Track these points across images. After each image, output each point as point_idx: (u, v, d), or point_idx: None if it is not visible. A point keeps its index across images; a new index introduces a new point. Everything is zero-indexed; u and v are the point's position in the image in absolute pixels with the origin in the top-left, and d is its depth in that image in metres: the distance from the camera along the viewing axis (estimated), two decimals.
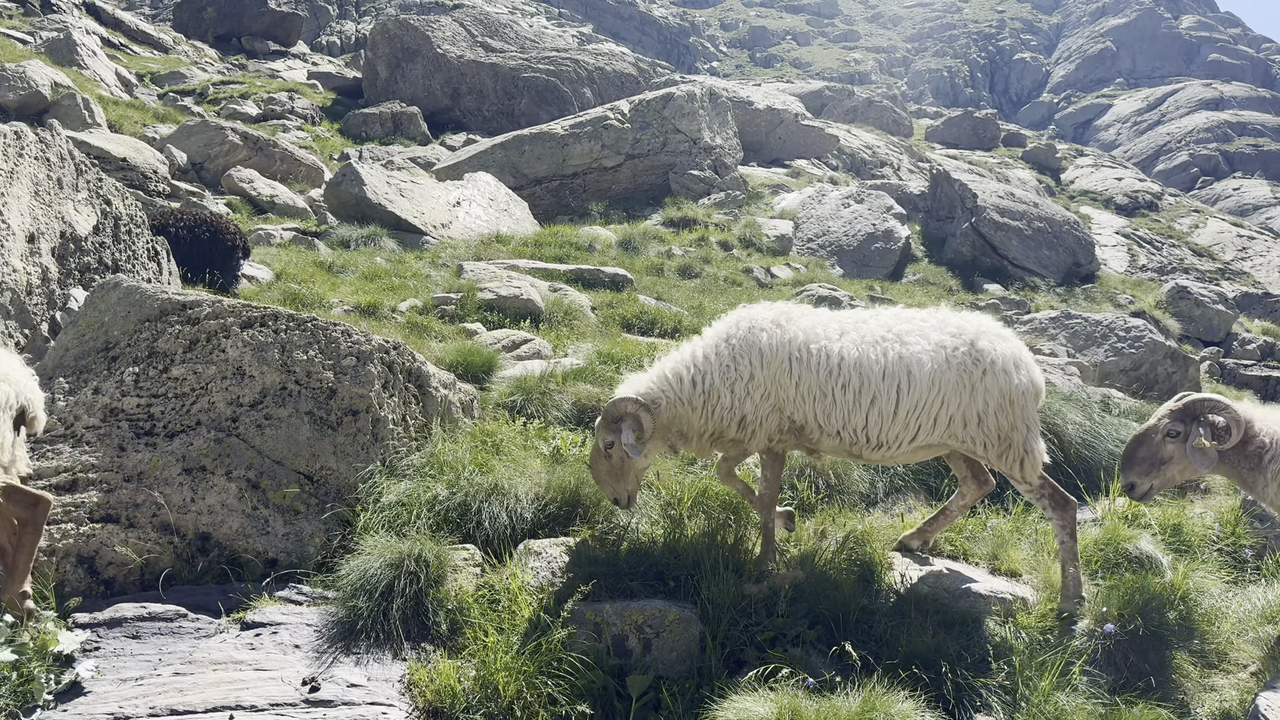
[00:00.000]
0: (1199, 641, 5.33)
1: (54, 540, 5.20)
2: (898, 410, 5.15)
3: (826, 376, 5.19)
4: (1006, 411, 5.18)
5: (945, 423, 5.19)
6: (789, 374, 5.23)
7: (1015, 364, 5.26)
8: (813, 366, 5.21)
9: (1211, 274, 27.49)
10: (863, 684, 4.38)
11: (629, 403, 5.29)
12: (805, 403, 5.24)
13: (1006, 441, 5.22)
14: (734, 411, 5.31)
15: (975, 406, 5.16)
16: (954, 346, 5.23)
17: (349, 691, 4.49)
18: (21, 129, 7.58)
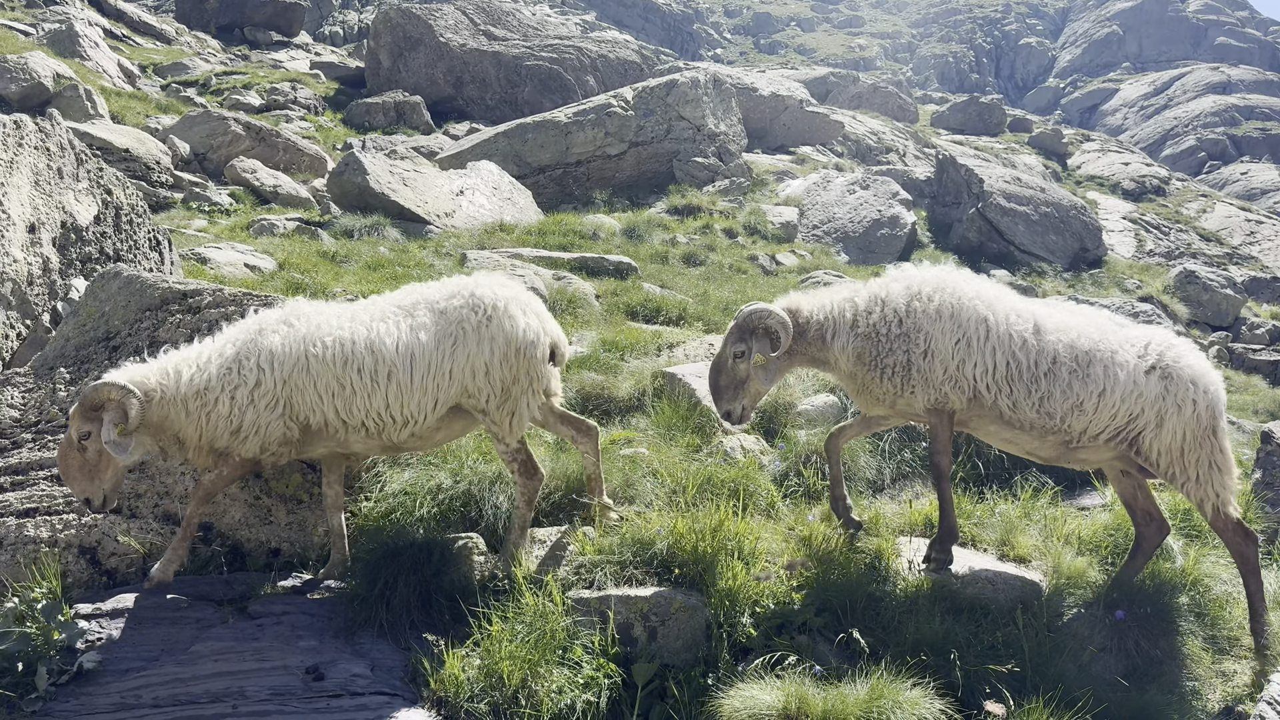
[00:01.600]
0: (1211, 627, 5.29)
1: (56, 531, 5.18)
2: (414, 379, 4.91)
3: (343, 365, 4.89)
4: (511, 362, 4.99)
5: (460, 377, 4.97)
6: (306, 373, 4.89)
7: (522, 309, 5.09)
8: (328, 359, 4.88)
9: (1219, 258, 27.33)
10: (870, 672, 4.34)
11: (114, 388, 4.71)
12: (324, 401, 4.91)
13: (507, 394, 5.04)
14: (231, 420, 4.88)
15: (483, 356, 4.94)
16: (450, 299, 5.05)
17: (353, 681, 4.46)
18: (21, 119, 7.55)
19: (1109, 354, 5.10)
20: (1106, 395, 5.04)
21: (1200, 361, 5.24)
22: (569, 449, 6.40)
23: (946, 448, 5.38)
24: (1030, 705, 4.32)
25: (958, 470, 6.82)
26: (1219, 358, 18.41)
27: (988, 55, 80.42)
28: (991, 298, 5.27)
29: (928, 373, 5.16)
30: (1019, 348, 5.10)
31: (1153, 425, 5.06)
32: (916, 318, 5.19)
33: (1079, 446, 5.22)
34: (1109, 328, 5.32)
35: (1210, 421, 5.07)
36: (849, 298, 5.43)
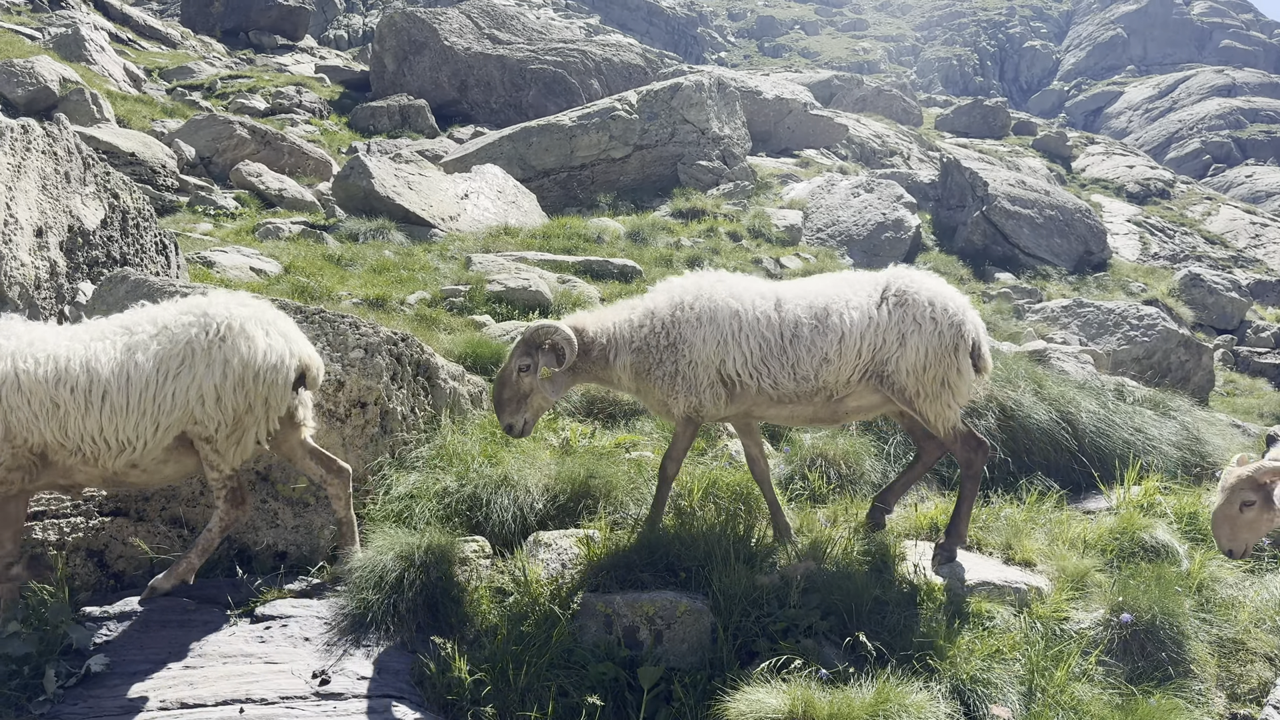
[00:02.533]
0: (1216, 631, 5.28)
1: (64, 534, 5.20)
2: (129, 401, 4.57)
3: (56, 384, 4.52)
4: (246, 388, 4.66)
5: (184, 402, 4.61)
6: (18, 391, 4.48)
7: (264, 329, 4.77)
8: (40, 377, 4.52)
9: (1224, 261, 27.28)
10: (876, 675, 4.35)
11: None
12: (39, 421, 4.52)
13: (238, 423, 4.72)
14: None
15: (212, 380, 4.60)
16: (180, 317, 4.75)
17: (359, 684, 4.48)
18: (28, 123, 7.57)
19: (844, 302, 5.38)
20: (846, 338, 5.28)
21: (939, 286, 5.51)
22: (574, 452, 6.41)
23: (681, 455, 5.64)
24: (1036, 709, 4.33)
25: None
26: (1224, 361, 18.38)
27: (992, 58, 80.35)
28: (741, 290, 5.49)
29: (692, 380, 5.35)
30: (765, 327, 5.32)
31: (896, 348, 5.29)
32: (680, 328, 5.37)
33: (844, 397, 5.44)
34: (850, 280, 5.61)
35: (953, 339, 5.31)
36: (626, 316, 5.56)
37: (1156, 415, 7.92)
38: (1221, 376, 16.74)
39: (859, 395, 5.45)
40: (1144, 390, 9.40)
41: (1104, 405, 7.59)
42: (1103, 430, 7.33)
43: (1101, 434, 7.31)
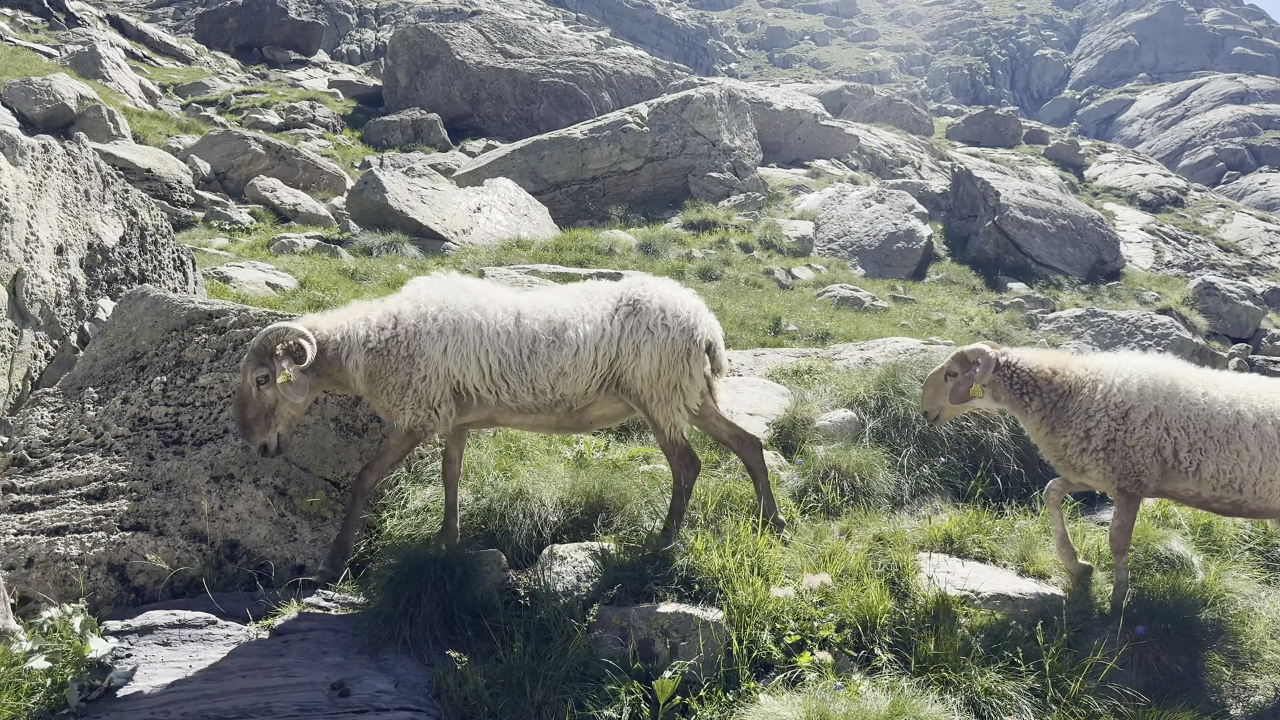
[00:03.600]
0: (1231, 642, 5.27)
1: (85, 548, 5.26)
2: None
3: None
4: None
5: None
6: None
7: None
8: None
9: (1239, 270, 27.18)
10: (891, 687, 4.36)
11: None
12: None
13: None
14: None
15: None
16: None
17: (377, 696, 4.51)
18: (49, 142, 7.68)
19: (580, 316, 5.36)
20: (580, 352, 5.28)
21: (671, 292, 5.52)
22: (588, 464, 6.45)
23: (388, 467, 5.49)
24: None
25: (976, 486, 6.84)
26: (1239, 370, 18.30)
27: (1003, 67, 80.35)
28: (485, 301, 5.39)
29: (424, 394, 5.22)
30: (505, 343, 5.27)
31: (631, 357, 5.30)
32: (421, 340, 5.23)
33: (585, 407, 5.45)
34: (589, 291, 5.57)
35: (685, 344, 5.34)
36: (364, 316, 5.37)
37: None
38: None
39: (601, 405, 5.49)
40: None
41: None
42: None
43: None
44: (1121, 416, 5.20)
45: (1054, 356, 5.56)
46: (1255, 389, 5.22)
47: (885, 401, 7.49)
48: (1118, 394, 5.23)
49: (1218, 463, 5.07)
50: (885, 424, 7.34)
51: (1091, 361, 5.50)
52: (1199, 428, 5.11)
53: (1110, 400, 5.24)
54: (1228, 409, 5.11)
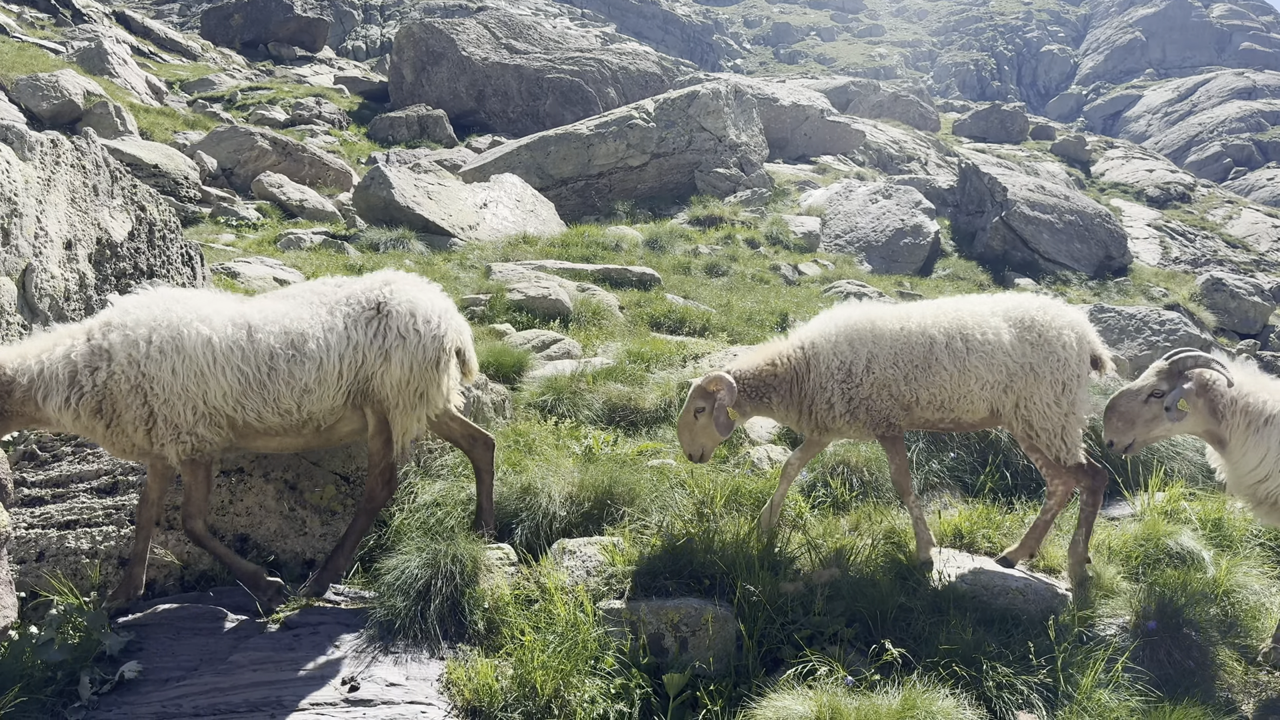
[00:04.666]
0: (1243, 638, 5.26)
1: (96, 543, 5.27)
2: None
3: None
4: None
5: None
6: None
7: None
8: None
9: (1246, 265, 27.09)
10: (902, 682, 4.35)
11: None
12: None
13: None
14: None
15: None
16: None
17: (388, 690, 4.52)
18: (58, 138, 7.68)
19: (320, 325, 5.00)
20: (324, 364, 4.95)
21: (422, 293, 5.25)
22: (597, 460, 6.45)
23: (201, 509, 5.03)
24: (1062, 715, 4.32)
25: (985, 481, 6.82)
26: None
27: (1009, 63, 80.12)
28: (210, 313, 4.89)
29: (176, 420, 4.77)
30: (241, 359, 4.83)
31: (380, 365, 5.02)
32: (144, 366, 4.69)
33: (335, 424, 5.14)
34: (324, 295, 5.17)
35: (435, 351, 5.11)
36: (50, 346, 4.74)
37: None
38: None
39: (350, 420, 5.19)
40: None
41: None
42: None
43: None
44: (846, 375, 5.47)
45: (764, 350, 5.73)
46: (940, 310, 5.58)
47: None
48: (833, 357, 5.50)
49: (928, 387, 5.42)
50: None
51: (799, 336, 5.71)
52: (907, 359, 5.43)
53: (830, 366, 5.50)
54: (922, 336, 5.45)
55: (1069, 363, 5.41)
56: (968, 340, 5.40)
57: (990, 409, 5.49)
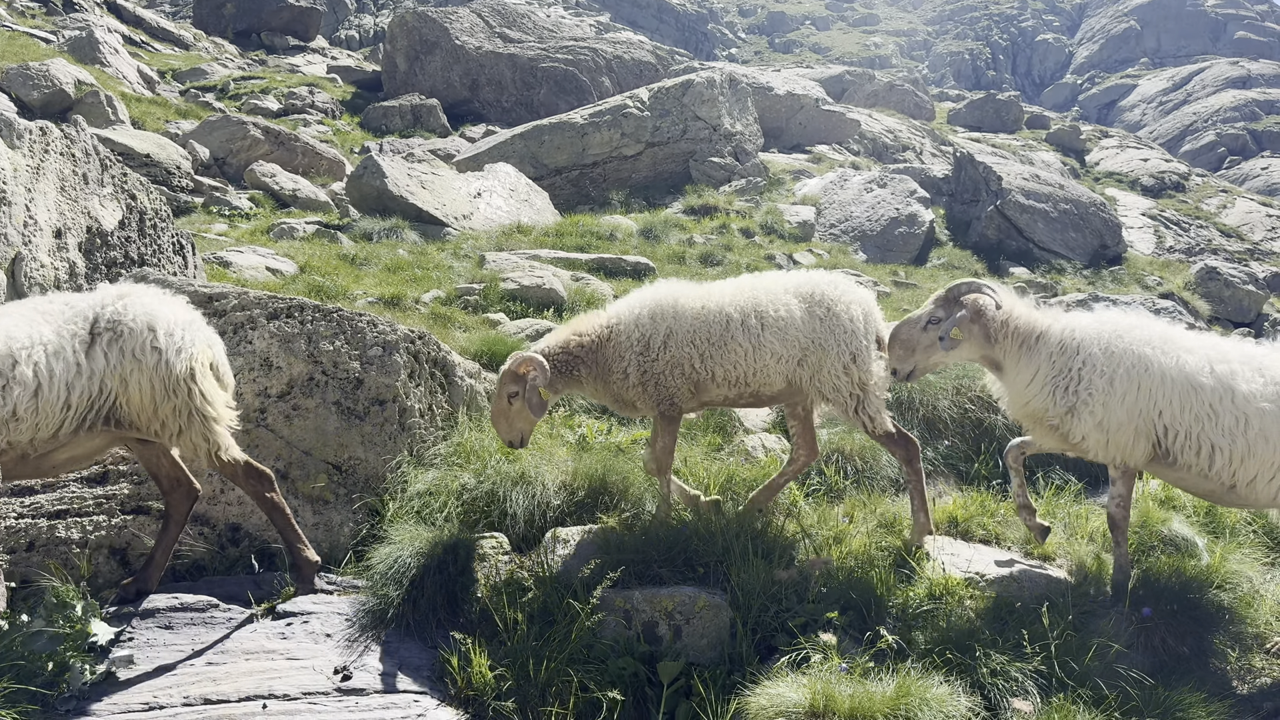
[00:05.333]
0: (1237, 624, 5.26)
1: (86, 532, 5.24)
2: None
3: None
4: None
5: None
6: None
7: None
8: None
9: (1241, 254, 27.09)
10: (897, 669, 4.34)
11: None
12: None
13: None
14: None
15: None
16: None
17: (381, 679, 4.50)
18: (47, 125, 7.62)
19: (40, 346, 4.38)
20: (43, 393, 4.36)
21: (161, 306, 4.75)
22: (591, 448, 6.43)
23: None
24: (1057, 702, 4.32)
25: (980, 468, 6.82)
26: None
27: (1004, 52, 79.99)
28: None
29: None
30: None
31: (120, 389, 4.55)
32: None
33: (50, 451, 4.57)
34: (49, 313, 4.56)
35: (185, 368, 4.62)
36: None
37: None
38: None
39: (77, 444, 4.64)
40: None
41: None
42: None
43: None
44: (644, 348, 5.58)
45: (571, 324, 5.80)
46: (738, 289, 5.73)
47: None
48: (634, 329, 5.61)
49: (723, 364, 5.54)
50: (888, 407, 7.31)
51: (608, 311, 5.84)
52: (704, 337, 5.54)
53: (631, 337, 5.61)
54: (719, 314, 5.59)
55: (857, 335, 5.60)
56: (762, 317, 5.55)
57: (786, 382, 5.64)
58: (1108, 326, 5.20)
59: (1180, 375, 4.96)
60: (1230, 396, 4.89)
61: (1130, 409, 5.00)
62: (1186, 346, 5.08)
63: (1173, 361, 5.00)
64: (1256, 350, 5.14)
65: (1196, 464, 4.99)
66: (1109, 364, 5.04)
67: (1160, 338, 5.12)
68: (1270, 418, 4.85)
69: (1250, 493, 4.98)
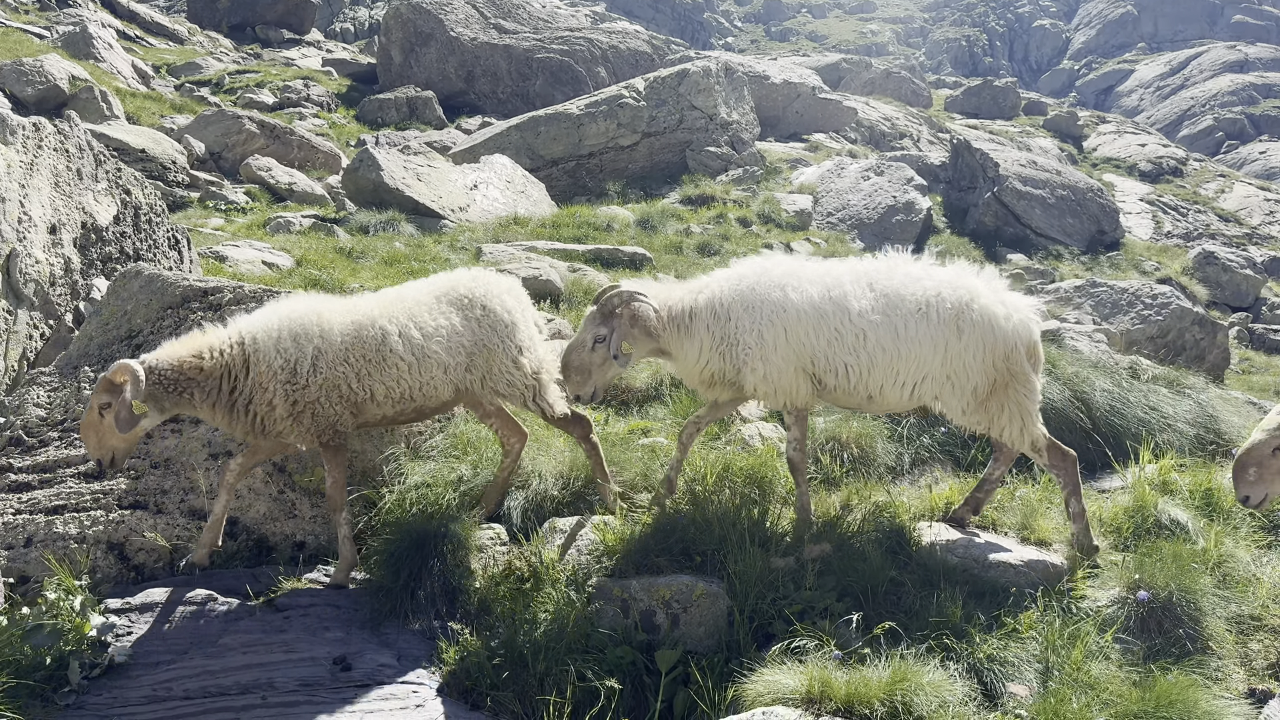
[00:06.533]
0: (1233, 607, 5.26)
1: (84, 527, 5.25)
2: None
3: None
4: None
5: None
6: None
7: None
8: None
9: (1239, 239, 27.08)
10: (893, 655, 4.35)
11: None
12: None
13: None
14: None
15: None
16: None
17: (379, 670, 4.52)
18: (40, 121, 7.61)
19: None
20: None
21: None
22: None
23: None
24: (1053, 687, 4.33)
25: (976, 455, 6.82)
26: (1239, 339, 18.27)
27: (1001, 38, 79.78)
28: None
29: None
30: None
31: None
32: None
33: None
34: None
35: None
36: None
37: (1171, 394, 7.88)
38: (1237, 354, 16.65)
39: None
40: (1158, 369, 9.36)
41: (1118, 384, 7.54)
42: (1117, 409, 7.29)
43: (1116, 413, 7.27)
44: (290, 374, 4.98)
45: (192, 341, 4.98)
46: (384, 301, 5.36)
47: None
48: (273, 354, 4.95)
49: (384, 381, 5.16)
50: None
51: (236, 327, 5.11)
52: (359, 355, 5.11)
53: (271, 365, 4.95)
54: (373, 329, 5.16)
55: (517, 327, 5.52)
56: (422, 328, 5.24)
57: (455, 390, 5.41)
58: (745, 281, 5.38)
59: (810, 307, 5.21)
60: (847, 316, 5.18)
61: (784, 354, 5.25)
62: (809, 278, 5.31)
63: (801, 297, 5.23)
64: (867, 266, 5.43)
65: (839, 384, 5.30)
66: (752, 319, 5.25)
67: (787, 275, 5.34)
68: (883, 328, 5.17)
69: (884, 400, 5.35)
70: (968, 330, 5.13)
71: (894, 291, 5.24)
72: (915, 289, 5.23)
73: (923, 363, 5.17)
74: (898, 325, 5.16)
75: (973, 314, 5.14)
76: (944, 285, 5.25)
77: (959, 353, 5.14)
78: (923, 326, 5.15)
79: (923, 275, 5.32)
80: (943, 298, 5.19)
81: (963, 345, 5.13)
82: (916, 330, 5.14)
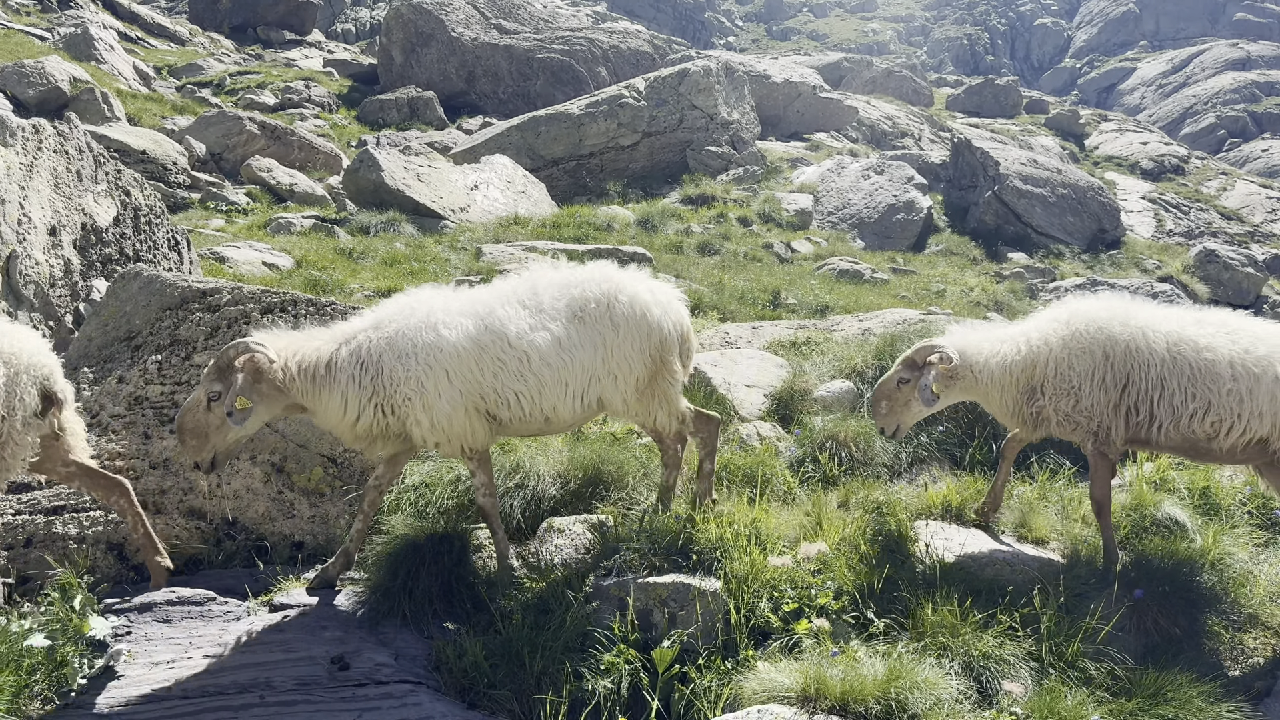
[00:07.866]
0: (1229, 605, 5.27)
1: (84, 528, 5.27)
2: None
3: None
4: None
5: None
6: None
7: None
8: None
9: (1240, 237, 27.06)
10: (888, 653, 4.37)
11: None
12: None
13: None
14: None
15: None
16: None
17: (377, 670, 4.53)
18: (40, 123, 7.64)
19: None
20: None
21: None
22: (586, 439, 6.45)
23: None
24: (1048, 684, 4.34)
25: (974, 453, 6.83)
26: None
27: (1002, 37, 79.71)
28: None
29: None
30: None
31: None
32: None
33: None
34: None
35: None
36: None
37: None
38: None
39: None
40: None
41: None
42: None
43: None
44: None
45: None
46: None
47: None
48: None
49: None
50: None
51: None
52: None
53: None
54: None
55: (26, 388, 4.65)
56: None
57: None
58: (392, 325, 4.94)
59: (468, 342, 4.86)
60: (506, 342, 4.89)
61: (451, 398, 4.86)
62: (459, 310, 4.99)
63: (456, 333, 4.88)
64: (512, 285, 5.20)
65: (514, 414, 5.00)
66: (406, 367, 4.81)
67: (433, 312, 4.97)
68: (544, 345, 4.92)
69: (559, 418, 5.08)
70: (622, 323, 5.04)
71: (545, 305, 5.07)
72: (563, 295, 5.10)
73: (587, 366, 5.03)
74: (559, 337, 4.99)
75: (622, 305, 5.06)
76: (588, 284, 5.13)
77: (616, 345, 5.04)
78: (581, 330, 5.02)
79: (567, 280, 5.18)
80: (589, 297, 5.08)
81: (620, 338, 5.03)
82: (577, 335, 5.01)
